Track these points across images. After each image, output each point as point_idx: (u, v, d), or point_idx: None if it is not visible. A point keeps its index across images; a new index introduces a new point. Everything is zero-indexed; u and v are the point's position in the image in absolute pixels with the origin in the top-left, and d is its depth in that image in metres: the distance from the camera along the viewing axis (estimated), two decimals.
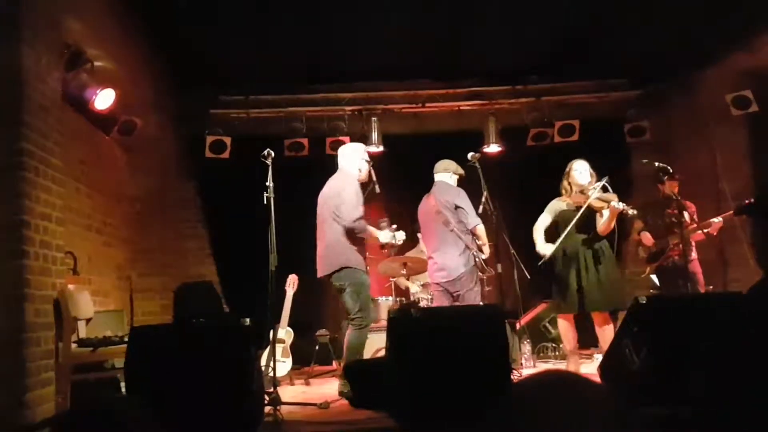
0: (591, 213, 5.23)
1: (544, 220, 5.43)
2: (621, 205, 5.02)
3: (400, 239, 5.43)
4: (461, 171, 5.64)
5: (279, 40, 6.45)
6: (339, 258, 4.95)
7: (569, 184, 5.41)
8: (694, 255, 6.07)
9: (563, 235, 5.16)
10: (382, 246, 5.51)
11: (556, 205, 5.43)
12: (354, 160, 5.25)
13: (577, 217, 5.15)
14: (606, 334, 5.15)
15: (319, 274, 5.06)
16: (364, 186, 5.53)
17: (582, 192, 5.28)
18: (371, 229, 5.21)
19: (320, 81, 7.67)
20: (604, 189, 5.16)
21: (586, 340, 5.82)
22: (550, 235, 5.40)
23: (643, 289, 6.39)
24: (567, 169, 5.45)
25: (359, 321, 4.91)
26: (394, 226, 5.58)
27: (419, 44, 6.69)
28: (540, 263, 5.24)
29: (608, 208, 5.09)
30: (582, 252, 5.22)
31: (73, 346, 4.39)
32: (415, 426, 3.45)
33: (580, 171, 5.37)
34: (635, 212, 5.12)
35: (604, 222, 5.18)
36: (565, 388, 1.05)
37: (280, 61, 6.94)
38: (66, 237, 4.43)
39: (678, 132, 7.50)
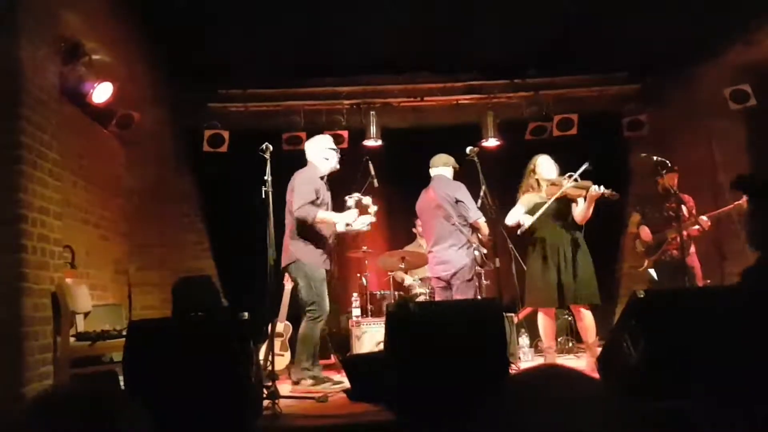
0: (567, 203, 5.21)
1: (515, 212, 5.35)
2: (600, 189, 4.99)
3: (359, 227, 5.13)
4: (456, 164, 5.64)
5: (278, 34, 6.42)
6: (291, 252, 5.03)
7: (537, 180, 5.37)
8: (692, 249, 6.08)
9: (541, 211, 5.10)
10: (349, 234, 5.24)
11: (529, 199, 5.35)
12: (318, 152, 5.26)
13: (549, 202, 5.10)
14: (587, 324, 5.17)
15: (282, 265, 5.13)
16: (363, 180, 5.52)
17: (553, 183, 5.25)
18: (327, 214, 5.04)
19: (319, 75, 7.66)
20: (575, 180, 5.14)
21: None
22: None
23: (641, 283, 6.40)
24: (531, 166, 5.41)
25: (312, 313, 4.96)
26: (368, 198, 5.27)
27: (417, 38, 6.67)
28: (519, 232, 5.19)
29: (586, 195, 5.07)
30: (561, 244, 5.18)
31: (72, 339, 4.39)
32: (413, 419, 3.46)
33: (546, 165, 5.34)
34: (616, 195, 5.06)
35: (582, 209, 5.15)
36: (560, 382, 1.05)
37: (279, 55, 6.92)
38: (64, 231, 4.43)
39: (676, 126, 7.50)
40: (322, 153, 5.25)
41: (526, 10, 6.09)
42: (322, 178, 5.17)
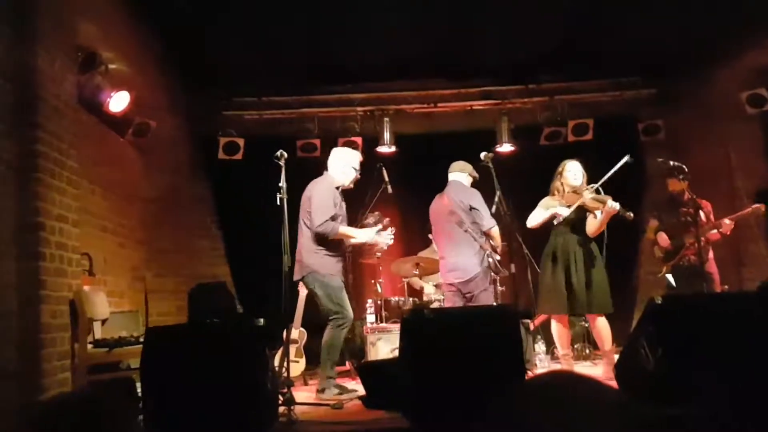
0: (583, 213, 5.20)
1: (538, 212, 5.37)
2: (617, 206, 4.98)
3: (385, 240, 5.23)
4: (476, 174, 5.63)
5: (291, 41, 6.46)
6: (306, 263, 5.01)
7: (561, 184, 5.36)
8: (710, 254, 6.02)
9: (576, 204, 5.11)
10: (365, 246, 5.29)
11: (549, 202, 5.37)
12: (339, 165, 5.24)
13: (570, 211, 5.10)
14: (602, 331, 5.14)
15: (294, 277, 5.09)
16: (377, 186, 5.51)
17: (575, 192, 5.24)
18: (347, 229, 5.08)
19: (332, 82, 7.69)
20: (597, 191, 5.13)
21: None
22: (547, 235, 5.36)
23: (659, 289, 6.35)
24: (560, 169, 5.40)
25: (336, 321, 4.95)
26: (387, 220, 5.36)
27: (431, 44, 6.69)
28: (555, 221, 5.22)
29: (603, 209, 5.05)
30: (573, 252, 5.18)
31: (89, 346, 4.42)
32: (428, 426, 3.45)
33: (573, 172, 5.33)
34: (631, 215, 5.06)
35: (596, 223, 5.13)
36: (571, 388, 1.05)
37: (293, 63, 6.97)
38: (81, 238, 4.46)
39: (692, 130, 7.44)
40: (344, 168, 5.22)
41: (539, 14, 6.09)
42: (337, 188, 5.18)
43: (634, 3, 5.91)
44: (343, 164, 5.24)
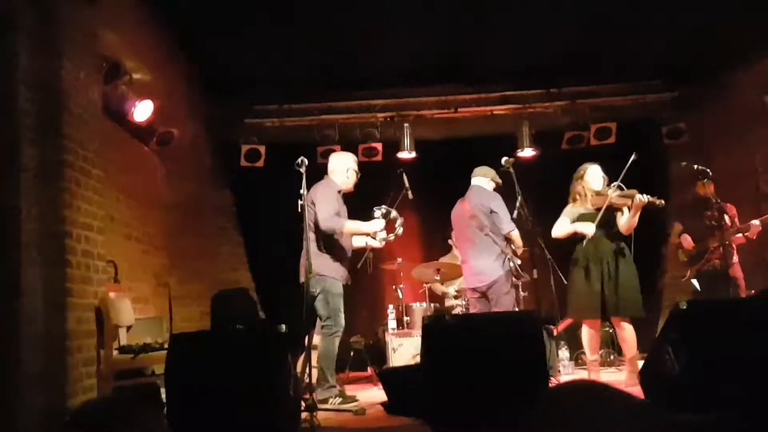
0: (611, 214, 5.13)
1: (562, 223, 5.33)
2: (646, 197, 4.89)
3: (396, 224, 5.15)
4: (499, 180, 5.60)
5: (311, 49, 6.50)
6: (311, 265, 4.91)
7: (583, 188, 5.31)
8: (735, 259, 5.94)
9: (599, 216, 5.04)
10: (374, 236, 5.18)
11: (573, 210, 5.31)
12: (341, 169, 5.25)
13: (601, 214, 5.03)
14: (627, 338, 5.08)
15: (300, 280, 5.06)
16: (397, 192, 5.52)
17: (599, 194, 5.18)
18: (353, 223, 5.04)
19: (352, 88, 7.71)
20: (620, 188, 5.06)
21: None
22: (569, 240, 5.31)
23: (684, 294, 6.27)
24: (580, 173, 5.34)
25: (328, 329, 4.93)
26: (395, 214, 5.21)
27: (451, 49, 6.69)
28: (585, 241, 5.13)
29: (631, 204, 4.97)
30: (604, 255, 5.09)
31: (115, 353, 4.47)
32: None
33: (594, 176, 5.27)
34: (662, 202, 4.96)
35: (627, 218, 5.04)
36: (595, 397, 1.05)
37: (313, 70, 7.01)
38: (106, 246, 4.52)
39: (715, 133, 7.36)
40: (344, 171, 5.25)
41: (560, 18, 6.07)
42: (339, 192, 5.19)
43: (656, 6, 5.86)
44: (345, 168, 5.25)
